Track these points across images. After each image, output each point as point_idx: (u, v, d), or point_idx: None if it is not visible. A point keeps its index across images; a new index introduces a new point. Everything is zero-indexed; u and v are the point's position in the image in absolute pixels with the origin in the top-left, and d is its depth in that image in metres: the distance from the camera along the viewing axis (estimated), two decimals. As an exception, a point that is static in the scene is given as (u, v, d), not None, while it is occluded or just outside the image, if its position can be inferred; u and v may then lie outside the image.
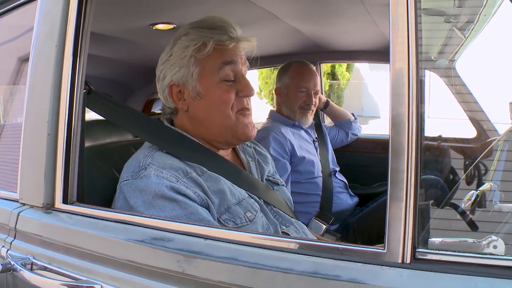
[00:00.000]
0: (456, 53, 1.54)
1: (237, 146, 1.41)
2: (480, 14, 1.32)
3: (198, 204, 1.08)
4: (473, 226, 1.03)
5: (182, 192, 1.07)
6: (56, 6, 1.20)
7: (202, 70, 1.23)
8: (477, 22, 1.36)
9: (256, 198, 1.25)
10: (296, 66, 2.34)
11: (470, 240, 0.75)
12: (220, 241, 0.88)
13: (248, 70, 1.32)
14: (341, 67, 12.06)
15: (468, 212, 1.06)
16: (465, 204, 1.09)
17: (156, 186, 1.06)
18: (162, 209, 1.05)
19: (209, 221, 1.06)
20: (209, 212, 1.09)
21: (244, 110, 1.25)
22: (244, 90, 1.24)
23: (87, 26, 1.18)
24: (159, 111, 3.53)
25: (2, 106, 1.72)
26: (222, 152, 1.31)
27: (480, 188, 1.15)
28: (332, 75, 11.90)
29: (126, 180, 1.12)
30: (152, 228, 0.97)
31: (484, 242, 0.73)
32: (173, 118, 1.31)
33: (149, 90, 3.23)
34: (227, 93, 1.22)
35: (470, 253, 0.72)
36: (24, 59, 1.50)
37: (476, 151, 1.54)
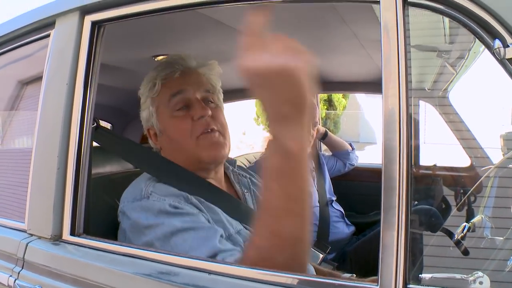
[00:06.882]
0: (449, 85, 1.60)
1: (232, 178, 1.42)
2: (470, 50, 1.39)
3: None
4: (464, 258, 1.07)
5: (185, 209, 1.11)
6: (68, 45, 1.23)
7: (157, 107, 1.30)
8: (467, 58, 1.42)
9: None
10: None
11: (458, 276, 0.80)
12: (223, 276, 0.91)
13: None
14: (337, 94, 12.16)
15: (459, 246, 1.10)
16: (457, 236, 1.13)
17: (159, 204, 1.10)
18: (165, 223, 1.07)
19: (216, 230, 1.08)
20: None
21: (206, 133, 1.26)
22: (198, 113, 1.26)
23: (97, 64, 1.22)
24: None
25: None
26: (215, 183, 1.31)
27: (472, 220, 1.19)
28: (329, 102, 11.99)
29: (127, 202, 1.16)
30: (158, 262, 0.99)
31: (470, 278, 0.78)
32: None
33: (149, 118, 3.26)
34: (181, 122, 1.26)
35: (458, 288, 0.77)
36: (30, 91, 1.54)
37: (469, 181, 1.57)
